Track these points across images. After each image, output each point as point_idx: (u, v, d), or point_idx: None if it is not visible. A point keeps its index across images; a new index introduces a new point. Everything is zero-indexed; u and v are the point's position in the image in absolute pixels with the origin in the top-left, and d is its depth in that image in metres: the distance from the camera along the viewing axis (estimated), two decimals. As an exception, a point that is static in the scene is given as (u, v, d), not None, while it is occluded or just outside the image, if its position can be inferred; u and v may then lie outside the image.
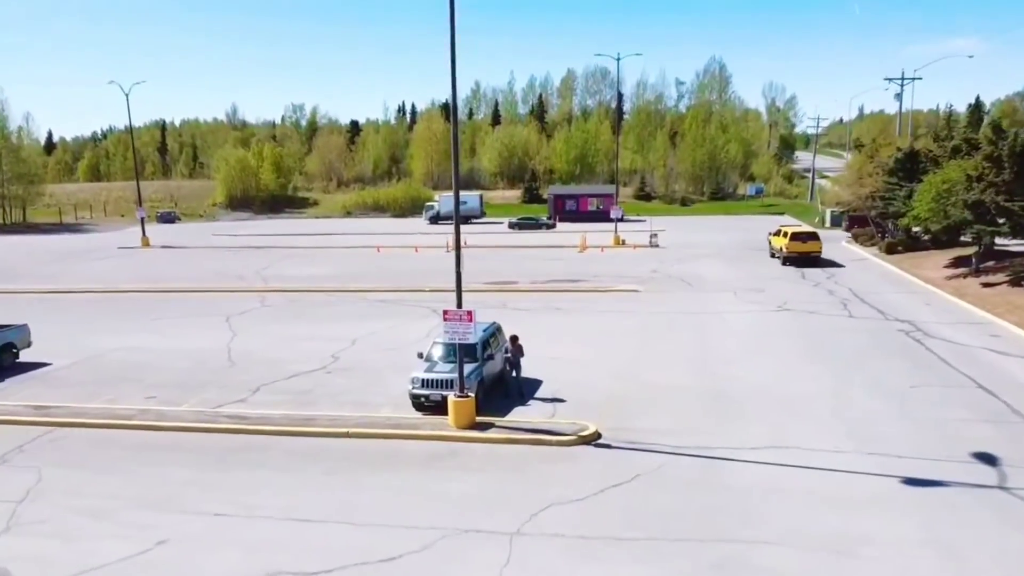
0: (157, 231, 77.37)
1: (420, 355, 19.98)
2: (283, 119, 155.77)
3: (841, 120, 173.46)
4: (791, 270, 42.40)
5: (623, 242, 56.04)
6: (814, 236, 43.40)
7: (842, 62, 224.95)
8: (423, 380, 18.66)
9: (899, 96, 53.37)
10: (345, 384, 21.89)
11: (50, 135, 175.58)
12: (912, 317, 28.71)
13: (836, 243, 53.98)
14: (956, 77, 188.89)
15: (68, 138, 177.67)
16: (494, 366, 20.30)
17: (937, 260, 40.96)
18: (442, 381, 18.47)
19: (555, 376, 21.74)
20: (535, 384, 20.99)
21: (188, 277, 44.28)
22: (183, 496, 14.66)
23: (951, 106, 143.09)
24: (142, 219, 62.93)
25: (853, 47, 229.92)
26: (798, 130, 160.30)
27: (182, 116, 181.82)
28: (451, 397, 17.53)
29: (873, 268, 41.97)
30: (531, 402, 19.63)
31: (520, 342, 20.15)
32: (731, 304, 32.16)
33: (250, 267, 48.49)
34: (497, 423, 17.65)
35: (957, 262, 38.91)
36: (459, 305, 17.45)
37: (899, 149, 46.07)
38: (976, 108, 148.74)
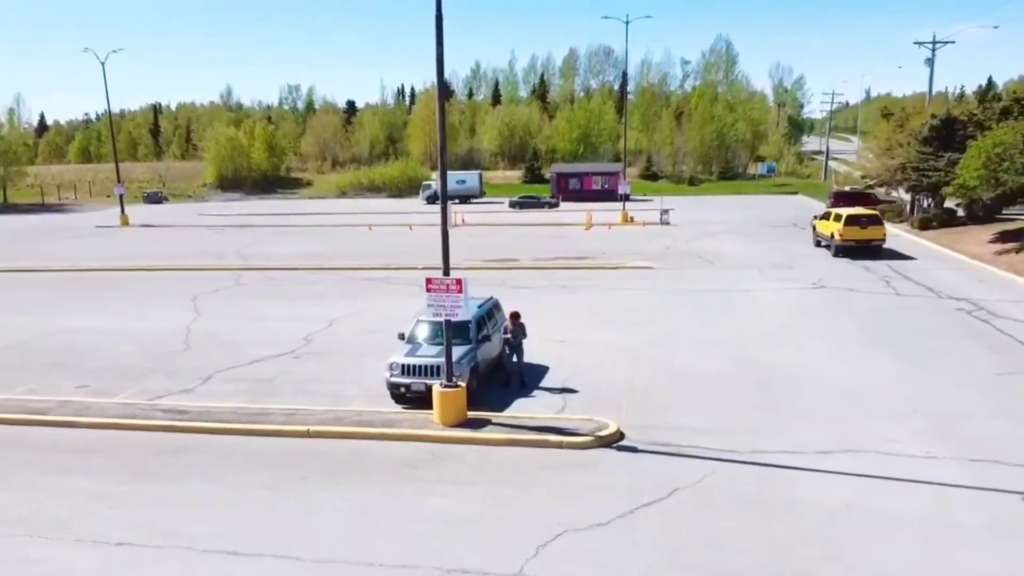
0: (142, 211, 74.03)
1: (401, 336, 16.50)
2: (280, 102, 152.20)
3: (847, 103, 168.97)
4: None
5: (631, 219, 52.46)
6: (876, 220, 33.76)
7: (849, 44, 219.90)
8: (403, 366, 15.18)
9: (930, 61, 49.63)
10: (314, 371, 18.44)
11: (42, 117, 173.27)
12: (969, 295, 25.17)
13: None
14: (960, 61, 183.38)
15: (63, 121, 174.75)
16: (491, 349, 16.84)
17: (979, 235, 37.39)
18: (426, 367, 15.01)
19: (564, 361, 18.30)
20: (540, 371, 17.55)
21: (162, 255, 40.75)
22: (85, 516, 11.22)
23: (962, 87, 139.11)
24: (121, 196, 59.28)
25: (860, 30, 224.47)
26: (807, 111, 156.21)
27: (179, 99, 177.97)
28: (436, 387, 14.06)
29: (908, 245, 38.32)
30: (535, 392, 16.19)
31: (522, 320, 16.65)
32: (759, 281, 28.64)
33: (232, 245, 44.99)
34: (494, 419, 14.18)
35: (1003, 237, 35.33)
36: (446, 272, 13.92)
37: (934, 116, 42.34)
38: (988, 88, 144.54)
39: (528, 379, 16.66)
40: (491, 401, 15.51)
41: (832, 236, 34.17)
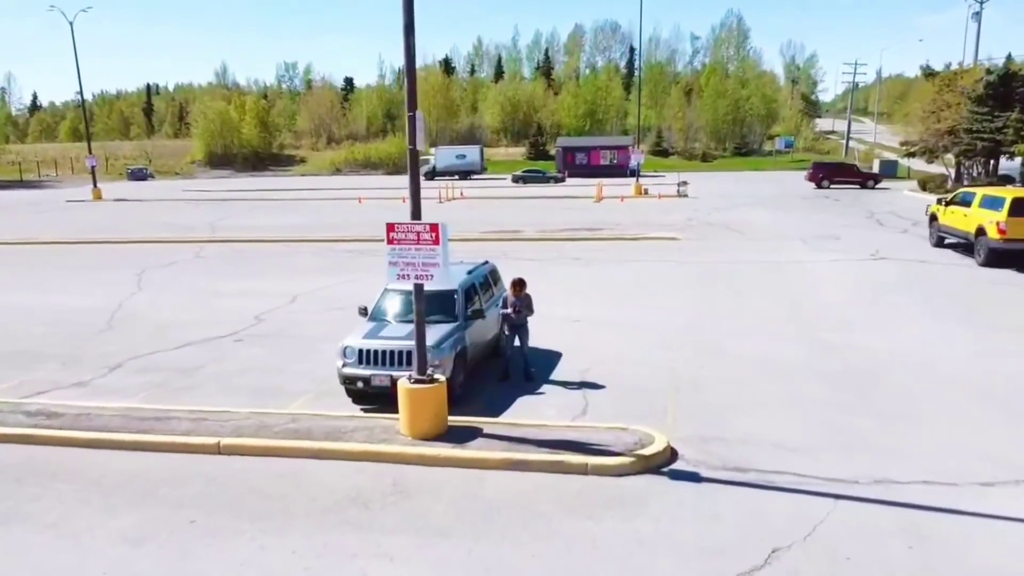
0: (123, 187, 70.20)
1: (363, 311, 12.22)
2: (278, 81, 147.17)
3: (857, 85, 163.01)
4: (861, 215, 34.54)
5: (646, 191, 48.15)
6: None
7: (861, 22, 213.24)
8: (360, 351, 10.89)
9: (978, 16, 45.14)
10: (256, 358, 14.19)
11: (35, 97, 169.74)
12: (1067, 267, 20.84)
13: (896, 192, 46.13)
14: (961, 41, 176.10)
15: (58, 103, 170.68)
16: (484, 329, 12.55)
17: (1045, 204, 32.96)
18: (392, 353, 10.73)
19: (581, 346, 14.04)
20: (551, 359, 13.29)
21: (124, 228, 36.51)
22: None
23: (990, 58, 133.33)
24: (92, 168, 54.97)
25: (872, 7, 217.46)
26: (821, 89, 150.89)
27: (177, 81, 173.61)
28: (403, 382, 9.75)
29: (962, 215, 33.97)
30: (545, 388, 11.90)
31: (528, 291, 12.35)
32: (805, 252, 24.30)
33: (206, 218, 40.74)
34: (487, 429, 9.88)
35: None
36: (416, 216, 9.55)
37: (989, 72, 37.73)
38: (1008, 62, 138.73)
39: (535, 370, 12.39)
40: (484, 401, 11.26)
41: (980, 233, 21.59)
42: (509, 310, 12.09)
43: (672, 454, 9.13)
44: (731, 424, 10.12)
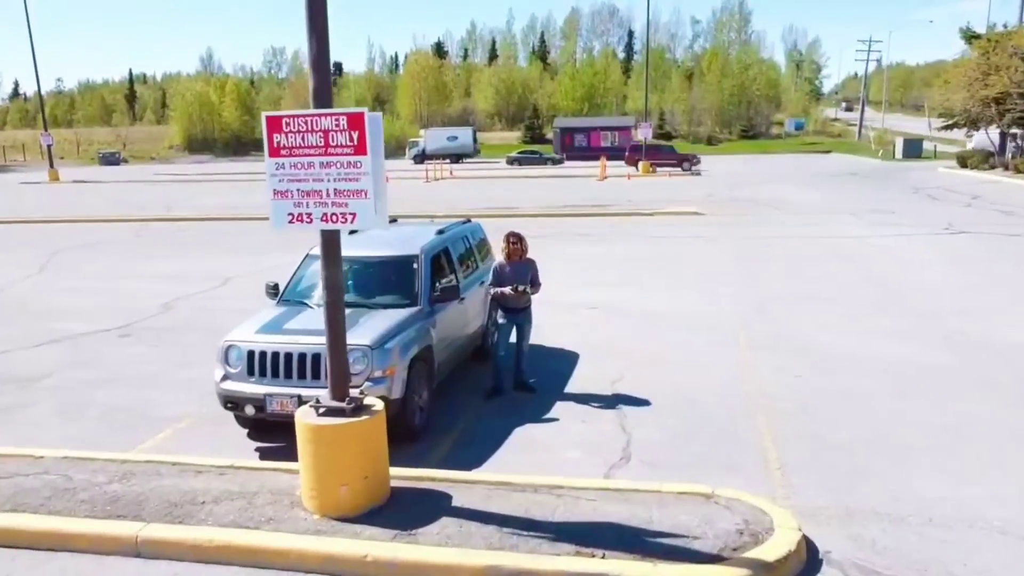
0: (90, 171, 65.60)
1: (273, 290, 7.95)
2: (270, 70, 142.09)
3: (856, 75, 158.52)
4: (906, 190, 30.37)
5: (654, 169, 43.83)
6: None
7: (854, 15, 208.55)
8: (251, 354, 6.56)
9: (1021, -27, 41.02)
10: (135, 360, 9.84)
11: (16, 85, 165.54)
12: None
13: (931, 171, 41.91)
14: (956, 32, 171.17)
15: (43, 91, 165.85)
16: (462, 320, 8.16)
17: (1119, 177, 28.87)
18: (302, 357, 6.39)
19: (603, 343, 9.73)
20: (564, 361, 8.98)
21: (72, 208, 32.11)
22: None
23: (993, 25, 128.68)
24: (49, 147, 50.39)
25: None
26: (824, 75, 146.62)
27: (163, 70, 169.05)
28: (303, 414, 5.33)
29: (1021, 189, 29.82)
30: (558, 409, 7.55)
31: (530, 255, 8.01)
32: (863, 227, 20.02)
33: (164, 199, 36.29)
34: (458, 495, 5.48)
35: None
36: (322, 101, 5.05)
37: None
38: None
39: (537, 381, 8.06)
40: (458, 437, 6.93)
41: None
42: (506, 288, 7.70)
43: (811, 553, 4.79)
44: (889, 481, 5.79)
